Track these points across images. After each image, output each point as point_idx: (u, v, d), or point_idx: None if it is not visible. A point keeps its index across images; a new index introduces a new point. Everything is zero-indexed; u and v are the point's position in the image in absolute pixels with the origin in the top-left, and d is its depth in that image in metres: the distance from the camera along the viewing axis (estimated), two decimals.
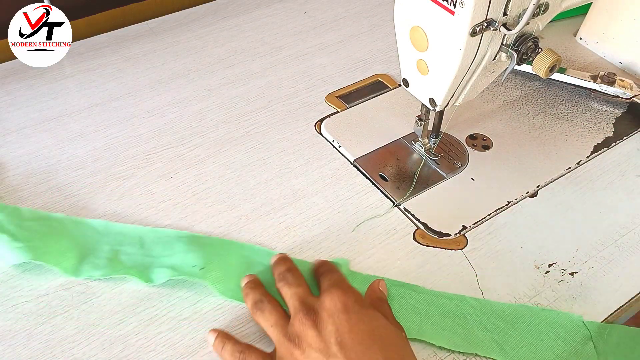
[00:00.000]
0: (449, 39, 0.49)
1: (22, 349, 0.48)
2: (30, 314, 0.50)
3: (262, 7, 0.86)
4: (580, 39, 0.80)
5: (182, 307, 0.51)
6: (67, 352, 0.47)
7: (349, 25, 0.84)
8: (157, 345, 0.48)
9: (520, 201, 0.61)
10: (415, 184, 0.61)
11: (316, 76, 0.75)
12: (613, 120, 0.70)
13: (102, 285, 0.52)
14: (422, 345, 0.49)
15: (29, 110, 0.69)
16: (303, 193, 0.61)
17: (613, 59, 0.77)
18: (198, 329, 0.49)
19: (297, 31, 0.82)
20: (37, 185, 0.60)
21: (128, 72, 0.74)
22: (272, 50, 0.78)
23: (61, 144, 0.65)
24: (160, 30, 0.81)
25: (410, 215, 0.59)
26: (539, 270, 0.54)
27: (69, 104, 0.70)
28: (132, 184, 0.61)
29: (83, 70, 0.74)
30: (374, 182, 0.62)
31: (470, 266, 0.55)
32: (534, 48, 0.51)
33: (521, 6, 0.48)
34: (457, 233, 0.57)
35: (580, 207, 0.60)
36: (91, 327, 0.49)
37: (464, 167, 0.63)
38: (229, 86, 0.72)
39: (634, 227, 0.58)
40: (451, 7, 0.47)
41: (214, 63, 0.76)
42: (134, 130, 0.66)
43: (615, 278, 0.54)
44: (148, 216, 0.58)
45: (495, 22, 0.48)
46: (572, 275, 0.54)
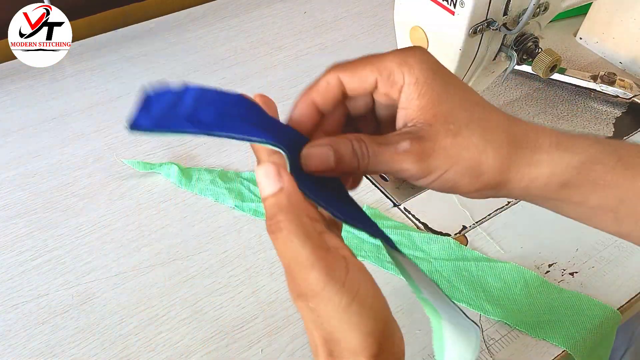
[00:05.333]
0: (449, 39, 0.49)
1: (22, 349, 0.48)
2: (30, 314, 0.50)
3: (262, 7, 0.86)
4: (580, 39, 0.80)
5: (182, 307, 0.51)
6: (67, 352, 0.48)
7: (349, 25, 0.84)
8: (157, 345, 0.48)
9: (521, 201, 0.60)
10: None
11: (316, 76, 0.74)
12: (613, 120, 0.70)
13: (102, 285, 0.52)
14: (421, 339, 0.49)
15: (29, 110, 0.69)
16: None
17: (613, 59, 0.77)
18: (198, 329, 0.49)
19: (297, 31, 0.82)
20: (37, 185, 0.60)
21: (128, 72, 0.74)
22: (272, 50, 0.78)
23: (61, 144, 0.65)
24: (160, 30, 0.81)
25: (410, 215, 0.59)
26: (539, 270, 0.54)
27: (69, 104, 0.70)
28: (132, 184, 0.61)
29: (83, 70, 0.74)
30: (374, 182, 0.62)
31: None
32: (534, 48, 0.51)
33: (521, 6, 0.48)
34: (457, 233, 0.57)
35: None
36: (91, 327, 0.49)
37: None
38: (229, 86, 0.72)
39: None
40: (451, 7, 0.47)
41: (214, 63, 0.76)
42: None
43: (616, 278, 0.54)
44: (148, 216, 0.58)
45: (495, 22, 0.48)
46: (572, 276, 0.54)
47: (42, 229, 0.56)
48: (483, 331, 0.50)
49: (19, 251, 0.55)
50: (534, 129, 0.34)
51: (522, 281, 0.53)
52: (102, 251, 0.55)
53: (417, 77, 0.32)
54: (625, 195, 0.34)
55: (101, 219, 0.57)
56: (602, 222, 0.35)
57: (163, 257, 0.54)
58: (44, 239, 0.56)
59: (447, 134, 0.31)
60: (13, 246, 0.55)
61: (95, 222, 0.57)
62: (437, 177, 0.32)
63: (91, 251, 0.55)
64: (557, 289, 0.52)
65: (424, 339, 0.49)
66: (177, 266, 0.54)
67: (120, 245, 0.55)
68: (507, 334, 0.49)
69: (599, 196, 0.34)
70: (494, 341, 0.49)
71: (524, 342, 0.49)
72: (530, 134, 0.33)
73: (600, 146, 0.34)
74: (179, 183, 0.60)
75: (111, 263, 0.54)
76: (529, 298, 0.51)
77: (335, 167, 0.31)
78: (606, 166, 0.33)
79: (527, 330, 0.49)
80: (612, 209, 0.34)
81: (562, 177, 0.33)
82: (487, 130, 0.32)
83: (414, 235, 0.56)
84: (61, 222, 0.57)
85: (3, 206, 0.58)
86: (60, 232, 0.56)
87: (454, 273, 0.53)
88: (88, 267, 0.53)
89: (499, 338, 0.49)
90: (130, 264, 0.54)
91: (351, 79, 0.33)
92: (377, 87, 0.33)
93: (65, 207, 0.58)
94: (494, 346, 0.49)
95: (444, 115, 0.32)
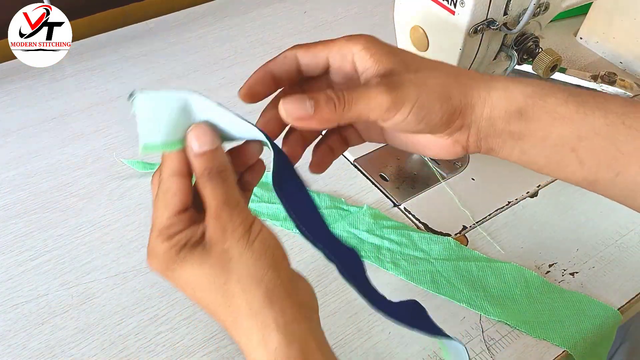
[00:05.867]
0: (449, 39, 0.49)
1: (21, 349, 0.47)
2: (30, 314, 0.50)
3: (262, 7, 0.86)
4: (580, 38, 0.80)
5: (182, 307, 0.51)
6: (67, 352, 0.47)
7: (349, 25, 0.83)
8: (156, 345, 0.48)
9: (521, 201, 0.60)
10: (415, 183, 0.61)
11: None
12: None
13: (101, 285, 0.52)
14: (422, 346, 0.49)
15: (29, 110, 0.69)
16: None
17: (613, 58, 0.77)
18: (198, 329, 0.49)
19: (297, 31, 0.82)
20: (36, 185, 0.60)
21: (128, 72, 0.74)
22: (272, 50, 0.78)
23: (61, 144, 0.65)
24: (160, 30, 0.81)
25: (410, 215, 0.58)
26: (539, 270, 0.54)
27: (69, 104, 0.70)
28: (132, 183, 0.61)
29: (83, 70, 0.74)
30: (374, 182, 0.62)
31: None
32: (534, 48, 0.51)
33: (521, 6, 0.48)
34: (458, 233, 0.57)
35: (580, 207, 0.60)
36: (91, 327, 0.49)
37: (464, 167, 0.63)
38: (229, 86, 0.72)
39: (634, 227, 0.58)
40: (451, 6, 0.47)
41: (214, 63, 0.76)
42: (134, 130, 0.66)
43: (616, 278, 0.54)
44: (148, 216, 0.58)
45: (495, 22, 0.48)
46: (573, 276, 0.54)
47: (41, 229, 0.56)
48: (483, 331, 0.50)
49: (19, 251, 0.55)
50: (490, 75, 0.38)
51: (522, 281, 0.52)
52: (101, 251, 0.55)
53: (364, 44, 0.35)
54: (582, 133, 0.36)
55: (101, 219, 0.57)
56: (566, 167, 0.37)
57: None
58: (44, 239, 0.56)
59: (409, 71, 0.35)
60: (13, 246, 0.55)
61: (94, 222, 0.57)
62: (411, 105, 0.34)
63: (91, 251, 0.55)
64: (558, 289, 0.52)
65: (424, 339, 0.49)
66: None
67: (120, 245, 0.55)
68: (507, 334, 0.49)
69: (558, 131, 0.36)
70: (494, 341, 0.49)
71: (524, 342, 0.49)
72: (485, 74, 0.37)
73: (550, 84, 0.37)
74: None
75: (111, 263, 0.54)
76: (529, 298, 0.51)
77: (314, 115, 0.33)
78: (558, 99, 0.36)
79: (527, 330, 0.49)
80: (572, 147, 0.36)
81: (517, 104, 0.36)
82: (441, 64, 0.36)
83: (414, 236, 0.56)
84: (61, 222, 0.57)
85: (3, 206, 0.58)
86: (60, 232, 0.56)
87: (454, 273, 0.53)
88: (88, 267, 0.53)
89: (499, 338, 0.49)
90: (130, 264, 0.54)
91: (305, 55, 0.37)
92: (330, 65, 0.37)
93: (64, 207, 0.58)
94: (494, 346, 0.49)
95: (400, 62, 0.35)
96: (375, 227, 0.56)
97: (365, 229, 0.56)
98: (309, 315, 0.33)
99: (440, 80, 0.35)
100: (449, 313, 0.51)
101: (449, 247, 0.55)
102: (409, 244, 0.55)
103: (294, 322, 0.32)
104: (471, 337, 0.49)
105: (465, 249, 0.55)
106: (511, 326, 0.50)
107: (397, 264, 0.53)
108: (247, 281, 0.32)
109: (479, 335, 0.49)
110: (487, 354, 0.48)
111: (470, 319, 0.50)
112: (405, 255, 0.54)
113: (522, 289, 0.52)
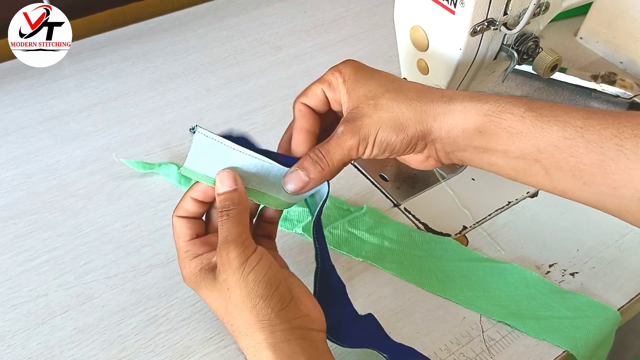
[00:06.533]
0: (450, 39, 0.49)
1: (21, 349, 0.47)
2: (30, 314, 0.50)
3: (262, 7, 0.86)
4: (580, 38, 0.80)
5: (182, 308, 0.50)
6: (66, 352, 0.47)
7: (349, 25, 0.83)
8: (156, 345, 0.48)
9: (521, 201, 0.60)
10: (415, 184, 0.61)
11: (316, 76, 0.73)
12: None
13: (101, 285, 0.52)
14: (430, 340, 0.49)
15: (28, 110, 0.69)
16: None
17: (613, 58, 0.77)
18: (198, 329, 0.49)
19: (297, 31, 0.82)
20: (36, 185, 0.60)
21: (128, 72, 0.74)
22: (272, 50, 0.78)
23: (61, 144, 0.65)
24: (160, 30, 0.81)
25: (411, 215, 0.58)
26: (539, 270, 0.54)
27: (68, 104, 0.69)
28: (131, 183, 0.60)
29: (83, 70, 0.74)
30: (374, 182, 0.62)
31: None
32: (534, 48, 0.51)
33: (522, 6, 0.48)
34: (458, 233, 0.57)
35: (580, 207, 0.59)
36: (90, 327, 0.49)
37: (464, 167, 0.63)
38: (229, 86, 0.72)
39: (634, 227, 0.58)
40: (451, 6, 0.47)
41: (214, 63, 0.76)
42: (134, 130, 0.66)
43: (616, 279, 0.54)
44: (147, 216, 0.58)
45: (495, 22, 0.48)
46: (573, 276, 0.54)
47: (41, 229, 0.56)
48: (483, 332, 0.49)
49: (18, 251, 0.54)
50: (452, 91, 0.41)
51: (522, 281, 0.52)
52: (101, 251, 0.55)
53: (344, 77, 0.41)
54: (541, 147, 0.38)
55: (100, 219, 0.57)
56: (535, 177, 0.40)
57: (162, 258, 0.54)
58: (43, 239, 0.55)
59: (369, 107, 0.40)
60: (12, 246, 0.55)
61: (94, 222, 0.57)
62: (372, 141, 0.40)
63: (90, 251, 0.55)
64: (558, 289, 0.52)
65: (424, 339, 0.49)
66: (177, 266, 0.53)
67: (120, 246, 0.55)
68: (507, 335, 0.49)
69: (517, 145, 0.38)
70: (495, 342, 0.49)
71: (525, 343, 0.49)
72: (447, 93, 0.40)
73: (510, 99, 0.39)
74: (178, 183, 0.60)
75: (110, 263, 0.54)
76: (530, 298, 0.51)
77: (310, 180, 0.40)
78: (515, 115, 0.38)
79: (527, 330, 0.49)
80: (534, 158, 0.38)
81: (474, 123, 0.39)
82: (400, 93, 0.40)
83: (414, 236, 0.56)
84: (60, 222, 0.57)
85: (2, 206, 0.58)
86: (60, 232, 0.56)
87: (454, 273, 0.53)
88: (87, 268, 0.53)
89: (499, 339, 0.49)
90: (129, 264, 0.54)
91: (310, 99, 0.43)
92: (328, 99, 0.42)
93: (64, 207, 0.58)
94: (495, 347, 0.49)
95: (364, 96, 0.40)
96: (375, 227, 0.56)
97: (365, 229, 0.56)
98: (303, 335, 0.38)
99: (394, 113, 0.39)
100: (449, 313, 0.51)
101: (449, 247, 0.55)
102: (409, 244, 0.55)
103: (284, 342, 0.37)
104: (471, 337, 0.49)
105: (465, 249, 0.55)
106: (511, 326, 0.50)
107: (397, 264, 0.53)
108: (242, 307, 0.38)
109: (479, 335, 0.49)
110: (487, 354, 0.48)
111: (471, 319, 0.50)
112: (405, 255, 0.54)
113: (522, 290, 0.52)
